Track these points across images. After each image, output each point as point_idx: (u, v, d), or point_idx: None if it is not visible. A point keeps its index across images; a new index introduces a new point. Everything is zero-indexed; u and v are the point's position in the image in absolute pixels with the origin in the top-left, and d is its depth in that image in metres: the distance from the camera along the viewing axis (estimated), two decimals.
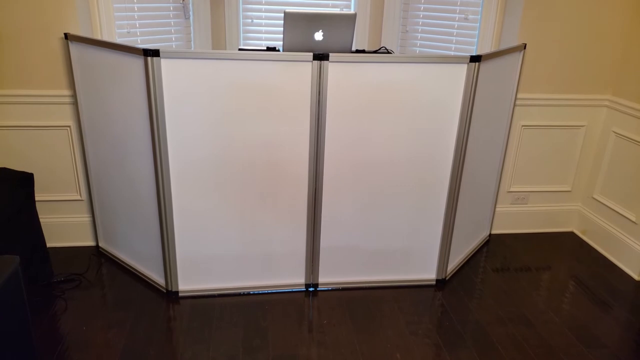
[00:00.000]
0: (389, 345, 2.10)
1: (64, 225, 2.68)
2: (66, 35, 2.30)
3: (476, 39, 2.86)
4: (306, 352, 2.05)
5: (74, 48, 2.30)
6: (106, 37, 2.52)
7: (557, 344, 2.14)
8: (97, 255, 2.66)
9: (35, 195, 2.51)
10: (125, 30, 2.63)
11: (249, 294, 2.40)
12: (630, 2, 2.62)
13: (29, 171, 2.52)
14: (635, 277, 2.64)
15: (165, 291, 2.38)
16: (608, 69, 2.75)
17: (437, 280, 2.53)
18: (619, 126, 2.74)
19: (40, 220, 2.55)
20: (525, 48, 2.62)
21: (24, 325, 1.60)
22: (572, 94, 2.78)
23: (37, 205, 2.57)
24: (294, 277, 2.44)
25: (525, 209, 3.02)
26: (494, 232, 3.04)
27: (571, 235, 3.08)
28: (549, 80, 2.73)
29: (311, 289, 2.45)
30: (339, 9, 3.06)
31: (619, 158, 2.75)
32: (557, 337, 2.19)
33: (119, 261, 2.60)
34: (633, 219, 2.65)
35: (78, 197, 2.63)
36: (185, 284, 2.36)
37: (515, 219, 3.03)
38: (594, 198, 2.94)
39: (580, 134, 2.87)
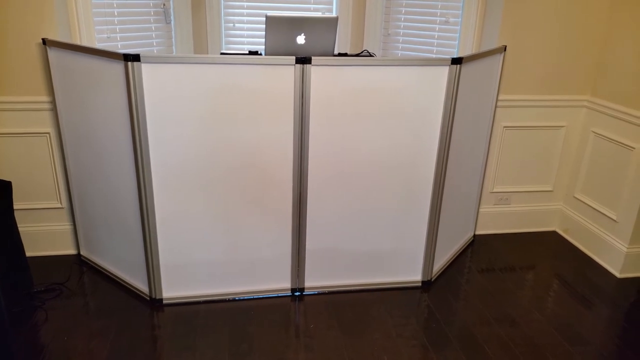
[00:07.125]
0: (377, 347, 2.10)
1: (44, 233, 2.63)
2: (44, 41, 2.26)
3: (457, 42, 2.89)
4: (293, 357, 2.03)
5: (53, 53, 2.27)
6: (85, 42, 2.49)
7: (542, 343, 2.16)
8: (79, 264, 2.61)
9: (14, 203, 2.46)
10: (105, 35, 2.59)
11: (234, 299, 2.38)
12: (607, 6, 2.67)
13: (7, 179, 2.47)
14: (617, 274, 2.68)
15: (149, 299, 2.34)
16: (586, 71, 2.80)
17: (423, 282, 2.54)
18: (598, 126, 2.79)
19: (19, 229, 2.50)
20: (505, 50, 2.65)
21: (3, 336, 1.56)
22: (552, 94, 2.82)
23: (16, 213, 2.51)
24: (279, 282, 2.42)
25: (508, 209, 3.05)
26: (478, 232, 3.06)
27: (554, 234, 3.11)
28: (529, 82, 2.77)
29: (297, 294, 2.44)
30: (320, 13, 3.07)
31: (599, 157, 2.80)
32: (542, 335, 2.21)
33: (101, 269, 2.55)
34: (613, 217, 2.69)
35: (58, 205, 2.59)
36: (170, 291, 2.33)
37: (498, 219, 3.06)
38: (575, 197, 2.99)
39: (561, 134, 2.92)
